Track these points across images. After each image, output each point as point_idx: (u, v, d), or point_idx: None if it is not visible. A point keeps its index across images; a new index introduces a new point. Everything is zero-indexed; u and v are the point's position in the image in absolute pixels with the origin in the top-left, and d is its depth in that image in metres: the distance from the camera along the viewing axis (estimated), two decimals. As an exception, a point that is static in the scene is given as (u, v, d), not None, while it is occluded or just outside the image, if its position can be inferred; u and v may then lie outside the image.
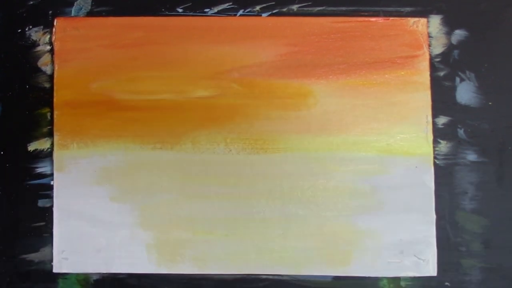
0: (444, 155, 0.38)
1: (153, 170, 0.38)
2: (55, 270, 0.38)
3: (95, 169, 0.38)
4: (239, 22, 0.39)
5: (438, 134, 0.38)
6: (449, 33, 0.39)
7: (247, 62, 0.38)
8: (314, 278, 0.37)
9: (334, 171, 0.38)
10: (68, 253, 0.38)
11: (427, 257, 0.37)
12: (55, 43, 0.39)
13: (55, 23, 0.39)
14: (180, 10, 0.39)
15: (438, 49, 0.39)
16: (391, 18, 0.39)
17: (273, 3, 0.39)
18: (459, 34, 0.39)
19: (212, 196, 0.38)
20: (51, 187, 0.38)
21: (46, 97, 0.39)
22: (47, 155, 0.38)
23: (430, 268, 0.37)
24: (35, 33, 0.39)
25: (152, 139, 0.38)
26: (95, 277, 0.38)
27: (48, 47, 0.39)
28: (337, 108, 0.38)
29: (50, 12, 0.39)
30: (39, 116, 0.39)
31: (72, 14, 0.39)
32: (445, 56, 0.38)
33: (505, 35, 0.39)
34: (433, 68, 0.38)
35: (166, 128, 0.38)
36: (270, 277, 0.37)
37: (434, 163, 0.38)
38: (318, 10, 0.39)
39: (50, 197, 0.38)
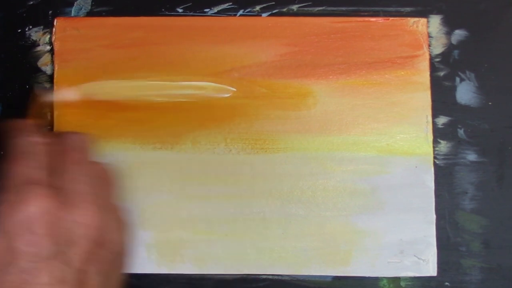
0: (444, 155, 0.38)
1: (153, 170, 0.38)
2: (55, 270, 0.38)
3: (95, 169, 0.38)
4: (239, 22, 0.39)
5: (438, 134, 0.38)
6: (449, 33, 0.39)
7: (247, 62, 0.38)
8: (314, 278, 0.37)
9: (334, 171, 0.38)
10: (68, 253, 0.38)
11: (427, 257, 0.37)
12: (55, 43, 0.39)
13: (55, 23, 0.39)
14: (180, 10, 0.39)
15: (438, 49, 0.39)
16: (391, 18, 0.39)
17: (273, 3, 0.39)
18: (459, 34, 0.39)
19: (212, 196, 0.38)
20: (51, 187, 0.38)
21: (46, 97, 0.39)
22: (47, 155, 0.38)
23: (430, 268, 0.37)
24: (35, 33, 0.39)
25: (152, 139, 0.38)
26: (95, 277, 0.38)
27: (48, 47, 0.39)
28: (337, 108, 0.38)
29: (50, 12, 0.39)
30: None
31: (72, 14, 0.39)
32: (445, 56, 0.38)
33: (505, 35, 0.39)
34: (433, 68, 0.38)
35: (166, 128, 0.38)
36: (270, 277, 0.37)
37: (434, 163, 0.38)
38: (318, 10, 0.39)
39: (50, 197, 0.38)
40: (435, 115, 0.38)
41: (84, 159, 0.29)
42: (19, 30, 0.39)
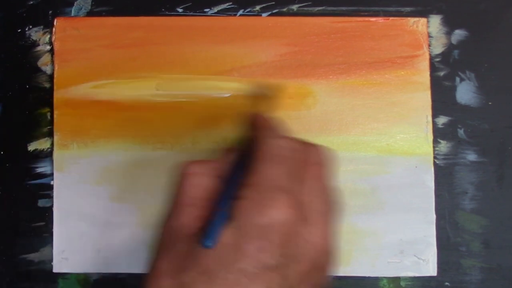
0: (444, 155, 0.38)
1: (153, 170, 0.38)
2: (55, 270, 0.38)
3: (95, 169, 0.38)
4: (239, 22, 0.39)
5: (438, 134, 0.38)
6: (449, 33, 0.39)
7: (247, 62, 0.38)
8: (314, 278, 0.37)
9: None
10: (68, 253, 0.38)
11: (427, 257, 0.37)
12: (55, 43, 0.39)
13: (55, 23, 0.39)
14: (180, 10, 0.39)
15: (438, 49, 0.39)
16: (391, 18, 0.39)
17: (273, 3, 0.39)
18: (459, 34, 0.39)
19: (212, 196, 0.38)
20: (51, 187, 0.38)
21: (46, 97, 0.39)
22: (47, 155, 0.38)
23: (430, 268, 0.37)
24: (35, 33, 0.39)
25: (152, 139, 0.38)
26: (95, 277, 0.38)
27: (48, 47, 0.39)
28: (337, 108, 0.38)
29: (50, 12, 0.39)
30: (39, 116, 0.39)
31: (72, 14, 0.39)
32: (445, 56, 0.38)
33: (505, 35, 0.39)
34: (433, 68, 0.38)
35: (166, 128, 0.38)
36: (270, 277, 0.37)
37: (434, 163, 0.38)
38: (318, 10, 0.39)
39: (50, 197, 0.38)
40: (435, 115, 0.38)
41: (325, 176, 0.28)
42: (19, 30, 0.39)
